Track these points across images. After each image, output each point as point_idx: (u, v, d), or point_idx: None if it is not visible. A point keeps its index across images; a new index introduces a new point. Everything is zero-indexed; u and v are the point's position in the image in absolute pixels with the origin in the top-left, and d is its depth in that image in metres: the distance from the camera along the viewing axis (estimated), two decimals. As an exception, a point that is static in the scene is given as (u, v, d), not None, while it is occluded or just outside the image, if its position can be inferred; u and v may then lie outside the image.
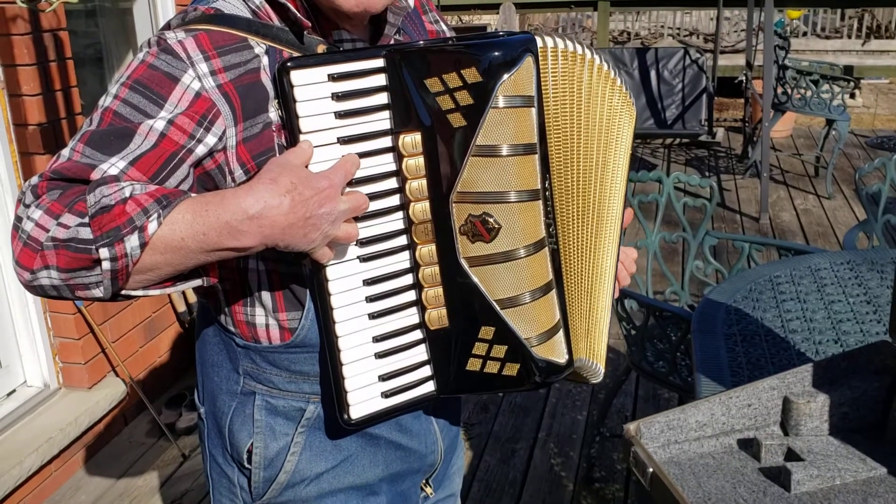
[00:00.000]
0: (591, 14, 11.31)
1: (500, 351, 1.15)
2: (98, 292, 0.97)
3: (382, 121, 1.09)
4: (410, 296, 1.15)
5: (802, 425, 1.20)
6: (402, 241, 1.13)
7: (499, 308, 1.14)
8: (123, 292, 1.00)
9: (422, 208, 1.12)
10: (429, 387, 1.18)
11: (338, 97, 1.06)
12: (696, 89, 7.05)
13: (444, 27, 1.37)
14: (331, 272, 1.10)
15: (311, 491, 1.26)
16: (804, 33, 11.33)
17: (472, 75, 1.06)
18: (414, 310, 1.16)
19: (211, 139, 1.06)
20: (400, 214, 1.12)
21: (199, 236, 0.96)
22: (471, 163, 1.08)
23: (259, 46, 1.09)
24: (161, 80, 1.04)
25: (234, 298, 1.20)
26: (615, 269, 1.31)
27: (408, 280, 1.15)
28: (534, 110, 1.10)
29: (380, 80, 1.08)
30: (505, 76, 1.07)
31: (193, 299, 3.58)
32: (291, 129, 1.05)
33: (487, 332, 1.15)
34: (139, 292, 1.01)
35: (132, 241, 0.94)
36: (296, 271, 1.16)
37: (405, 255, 1.14)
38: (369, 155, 1.09)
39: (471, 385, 1.18)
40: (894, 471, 1.13)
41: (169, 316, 3.56)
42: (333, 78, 1.05)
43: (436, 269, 1.14)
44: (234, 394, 1.26)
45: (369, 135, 1.09)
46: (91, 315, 3.03)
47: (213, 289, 1.21)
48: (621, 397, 3.42)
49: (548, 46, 1.13)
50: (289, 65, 1.04)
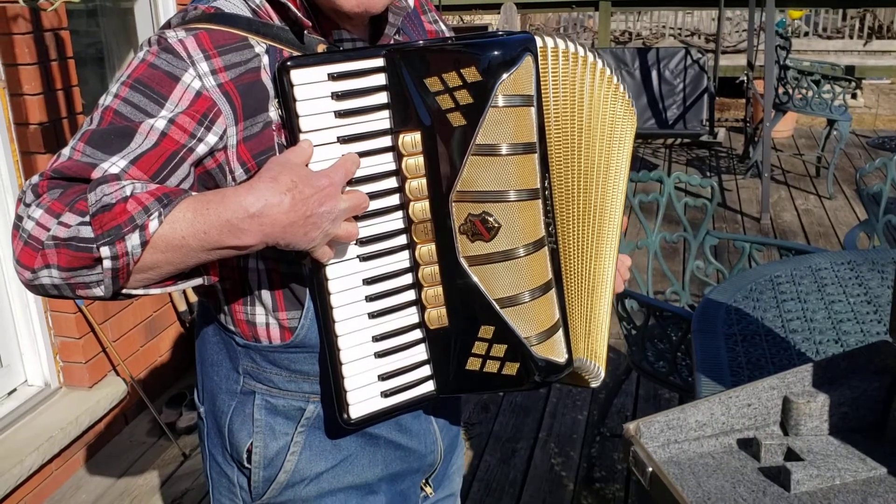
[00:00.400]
0: (592, 14, 11.31)
1: (499, 350, 1.15)
2: (99, 291, 0.97)
3: (382, 120, 1.09)
4: (410, 295, 1.15)
5: (802, 425, 1.20)
6: (401, 240, 1.13)
7: (498, 307, 1.14)
8: (124, 291, 1.00)
9: (421, 207, 1.12)
10: (428, 386, 1.18)
11: (337, 96, 1.06)
12: (697, 89, 7.05)
13: (443, 27, 1.37)
14: (330, 271, 1.10)
15: (311, 490, 1.26)
16: (806, 33, 11.33)
17: (471, 74, 1.06)
18: (413, 309, 1.16)
19: (212, 138, 1.06)
20: (399, 214, 1.12)
21: (199, 234, 0.96)
22: (470, 162, 1.08)
23: (259, 46, 1.09)
24: (161, 79, 1.04)
25: (234, 298, 1.20)
26: (614, 274, 1.31)
27: (407, 279, 1.15)
28: (533, 109, 1.10)
29: (379, 79, 1.08)
30: (504, 75, 1.07)
31: (194, 299, 3.58)
32: (291, 129, 1.05)
33: (487, 331, 1.15)
34: (140, 291, 1.01)
35: (133, 240, 0.94)
36: (296, 270, 1.16)
37: (405, 254, 1.14)
38: (369, 154, 1.09)
39: (470, 384, 1.18)
40: (894, 471, 1.13)
41: (170, 315, 3.56)
42: (333, 77, 1.05)
43: (435, 268, 1.14)
44: (233, 393, 1.26)
45: (369, 134, 1.09)
46: (92, 314, 3.04)
47: (213, 288, 1.21)
48: (622, 397, 3.42)
49: (548, 46, 1.13)
50: (289, 64, 1.04)
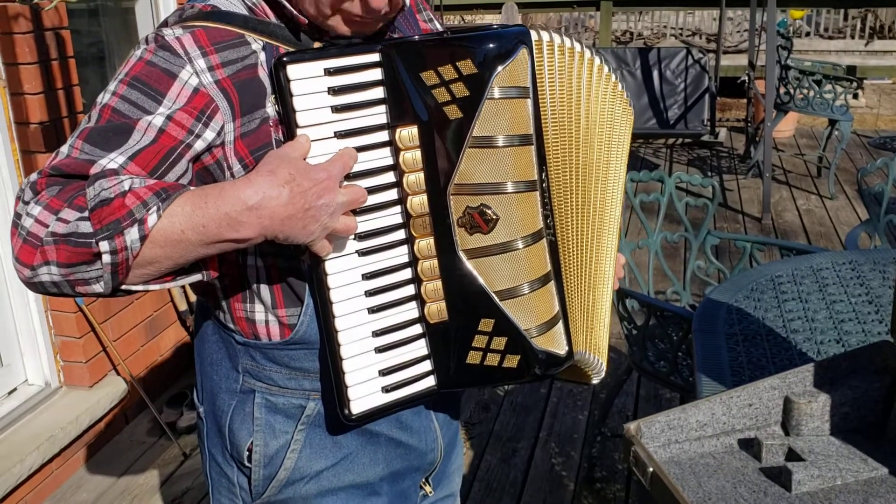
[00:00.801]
0: (593, 14, 11.30)
1: (499, 343, 1.15)
2: (98, 287, 0.97)
3: (379, 115, 1.10)
4: (410, 290, 1.16)
5: (803, 425, 1.20)
6: (400, 234, 1.14)
7: (498, 300, 1.14)
8: (123, 287, 1.00)
9: (419, 201, 1.12)
10: (429, 381, 1.18)
11: (334, 91, 1.06)
12: (698, 89, 7.04)
13: (437, 26, 1.37)
14: (329, 267, 1.10)
15: (311, 488, 1.26)
16: (807, 33, 11.32)
17: (467, 67, 1.07)
18: (413, 304, 1.16)
19: (209, 134, 1.06)
20: (398, 208, 1.13)
21: (198, 228, 0.96)
22: (467, 154, 1.09)
23: (256, 43, 1.10)
24: (159, 76, 1.05)
25: (233, 295, 1.20)
26: (613, 270, 1.31)
27: (407, 274, 1.15)
28: (529, 101, 1.11)
29: (375, 74, 1.09)
30: (500, 67, 1.07)
31: (194, 298, 3.58)
32: (288, 124, 1.06)
33: (487, 324, 1.15)
34: (139, 287, 1.01)
35: (132, 234, 0.94)
36: (295, 266, 1.16)
37: (404, 248, 1.14)
38: (366, 149, 1.09)
39: (471, 378, 1.18)
40: (895, 471, 1.13)
41: (170, 315, 3.56)
42: (329, 72, 1.06)
43: (434, 262, 1.14)
44: (233, 392, 1.25)
45: (366, 129, 1.09)
46: (92, 314, 3.03)
47: (212, 286, 1.21)
48: (622, 397, 3.42)
49: (543, 40, 1.13)
50: (285, 59, 1.04)
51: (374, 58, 1.08)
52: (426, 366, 1.18)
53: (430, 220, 1.13)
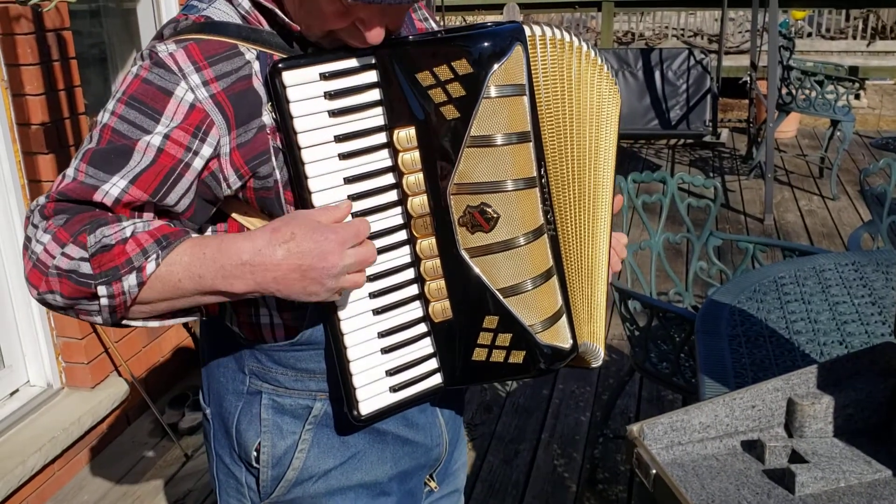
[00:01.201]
0: (595, 15, 11.29)
1: (504, 339, 1.16)
2: (98, 319, 1.03)
3: (376, 117, 1.10)
4: (413, 290, 1.16)
5: (807, 427, 1.20)
6: (401, 235, 1.14)
7: (501, 297, 1.14)
8: (124, 322, 1.05)
9: (420, 202, 1.12)
10: (436, 379, 1.19)
11: (330, 96, 1.07)
12: (700, 90, 7.04)
13: (433, 25, 1.37)
14: None
15: (320, 487, 1.26)
16: (809, 34, 11.31)
17: (462, 67, 1.07)
18: (417, 303, 1.17)
19: (206, 150, 1.07)
20: (398, 210, 1.13)
21: (195, 278, 1.00)
22: (466, 154, 1.09)
23: (250, 52, 1.10)
24: (155, 94, 1.05)
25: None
26: (609, 254, 1.31)
27: (409, 274, 1.15)
28: (526, 98, 1.11)
29: (371, 76, 1.09)
30: (495, 66, 1.07)
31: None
32: (286, 130, 1.06)
33: (491, 321, 1.15)
34: (138, 323, 1.06)
35: (129, 280, 0.99)
36: None
37: (405, 249, 1.15)
38: (365, 152, 1.10)
39: (477, 375, 1.19)
40: (899, 473, 1.12)
41: (172, 316, 3.56)
42: (325, 77, 1.06)
43: (437, 261, 1.14)
44: (240, 394, 1.26)
45: (364, 132, 1.09)
46: (94, 315, 3.03)
47: None
48: (625, 398, 3.41)
49: (536, 35, 1.13)
50: (280, 66, 1.04)
51: (370, 60, 1.09)
52: (432, 364, 1.19)
53: (431, 220, 1.13)
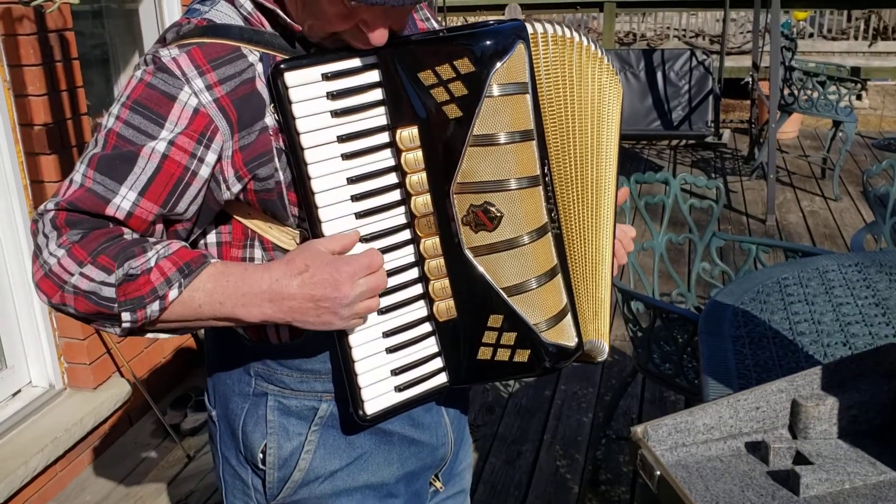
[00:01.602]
0: (596, 15, 11.29)
1: (509, 338, 1.16)
2: (112, 331, 1.06)
3: (378, 117, 1.10)
4: (417, 289, 1.16)
5: (811, 428, 1.19)
6: (405, 235, 1.14)
7: (506, 296, 1.14)
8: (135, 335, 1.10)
9: (423, 202, 1.12)
10: (441, 378, 1.19)
11: (333, 96, 1.07)
12: (702, 91, 7.03)
13: (434, 24, 1.37)
14: None
15: (326, 488, 1.26)
16: (810, 35, 11.30)
17: (464, 66, 1.06)
18: (422, 303, 1.17)
19: (211, 157, 1.08)
20: (402, 209, 1.13)
21: (216, 304, 1.05)
22: (469, 153, 1.09)
23: (253, 54, 1.09)
24: (159, 99, 1.06)
25: None
26: (613, 248, 1.31)
27: (413, 274, 1.15)
28: (528, 97, 1.11)
29: (373, 76, 1.09)
30: (498, 64, 1.07)
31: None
32: (288, 131, 1.06)
33: (496, 320, 1.15)
34: (151, 335, 1.11)
35: (153, 307, 1.03)
36: None
37: (409, 249, 1.15)
38: (368, 152, 1.10)
39: (482, 374, 1.19)
40: (904, 475, 1.12)
41: (174, 316, 3.56)
42: (327, 77, 1.06)
43: (441, 261, 1.14)
44: (245, 395, 1.26)
45: (366, 131, 1.09)
46: (96, 315, 3.03)
47: None
48: (627, 399, 3.41)
49: (538, 32, 1.13)
50: (282, 67, 1.04)
51: (371, 59, 1.09)
52: (437, 363, 1.19)
53: (435, 219, 1.13)
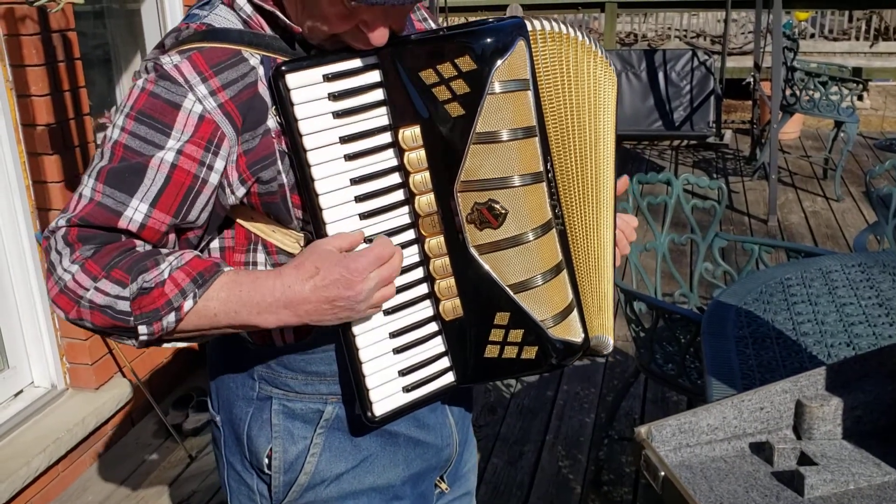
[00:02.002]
0: (598, 16, 11.29)
1: (516, 335, 1.16)
2: (131, 343, 1.08)
3: (380, 117, 1.10)
4: (423, 289, 1.16)
5: (815, 429, 1.19)
6: (410, 235, 1.14)
7: (512, 293, 1.14)
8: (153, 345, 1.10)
9: (427, 201, 1.12)
10: (448, 377, 1.19)
11: (334, 97, 1.07)
12: (703, 91, 7.02)
13: (431, 25, 1.37)
14: None
15: (332, 491, 1.26)
16: (812, 35, 11.29)
17: (466, 63, 1.06)
18: (428, 302, 1.17)
19: (220, 163, 1.08)
20: (406, 209, 1.13)
21: (231, 313, 1.06)
22: (472, 151, 1.09)
23: (253, 57, 1.09)
24: (163, 108, 1.05)
25: None
26: (614, 239, 1.31)
27: (419, 273, 1.15)
28: (530, 93, 1.11)
29: (374, 76, 1.09)
30: (499, 61, 1.07)
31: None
32: (291, 133, 1.06)
33: (503, 317, 1.15)
34: (168, 345, 1.11)
35: (169, 319, 1.04)
36: None
37: (414, 248, 1.15)
38: (370, 152, 1.10)
39: (490, 372, 1.19)
40: (909, 475, 1.12)
41: (176, 317, 3.55)
42: (328, 78, 1.06)
43: (446, 260, 1.14)
44: (250, 400, 1.25)
45: (368, 132, 1.09)
46: (98, 316, 3.03)
47: None
48: (629, 400, 3.41)
49: (537, 30, 1.13)
50: (283, 69, 1.04)
51: (372, 60, 1.09)
52: (444, 362, 1.19)
53: (439, 218, 1.13)
